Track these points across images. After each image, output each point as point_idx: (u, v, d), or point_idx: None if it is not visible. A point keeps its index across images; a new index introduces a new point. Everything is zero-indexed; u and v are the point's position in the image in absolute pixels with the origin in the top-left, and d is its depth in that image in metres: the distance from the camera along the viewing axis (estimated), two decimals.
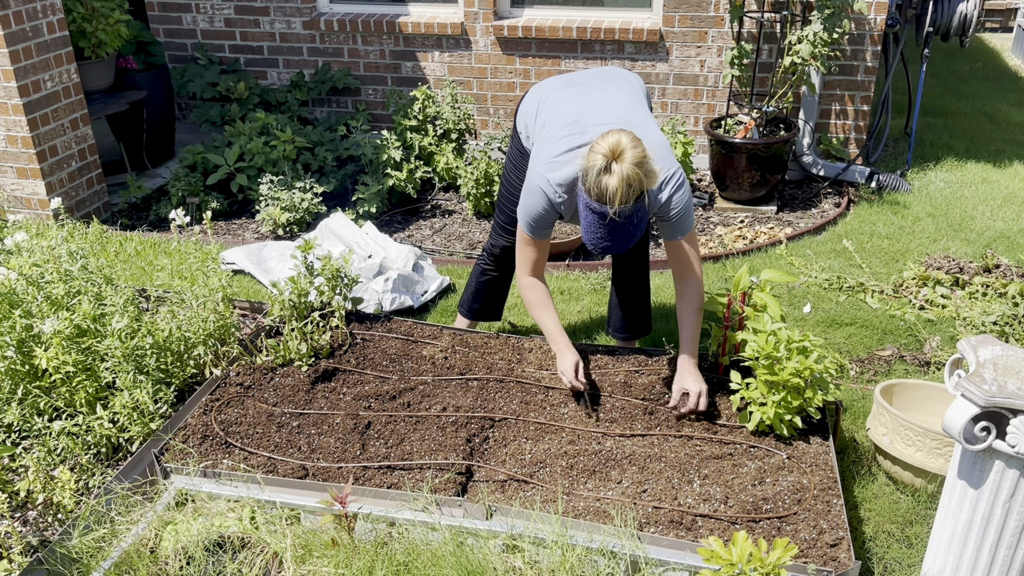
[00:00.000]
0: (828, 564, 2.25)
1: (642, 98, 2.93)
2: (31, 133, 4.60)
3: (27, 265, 3.08)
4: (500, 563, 2.26)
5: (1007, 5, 9.96)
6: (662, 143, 2.66)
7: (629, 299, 3.33)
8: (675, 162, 2.66)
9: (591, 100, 2.81)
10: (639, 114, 2.78)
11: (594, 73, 3.04)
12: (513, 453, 2.68)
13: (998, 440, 2.03)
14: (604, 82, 2.93)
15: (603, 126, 2.60)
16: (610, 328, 3.48)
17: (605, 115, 2.71)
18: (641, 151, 2.39)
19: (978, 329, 3.68)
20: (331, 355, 3.16)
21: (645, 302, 3.36)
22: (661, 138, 2.69)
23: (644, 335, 3.44)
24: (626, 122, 2.64)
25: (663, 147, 2.64)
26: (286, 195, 4.78)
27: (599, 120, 2.68)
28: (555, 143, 2.70)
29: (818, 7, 4.63)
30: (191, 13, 5.97)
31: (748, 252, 4.51)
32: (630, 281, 3.29)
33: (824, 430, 2.77)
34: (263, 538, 2.35)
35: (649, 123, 2.75)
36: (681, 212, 2.66)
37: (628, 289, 3.31)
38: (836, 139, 5.38)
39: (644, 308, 3.36)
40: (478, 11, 5.48)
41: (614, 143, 2.38)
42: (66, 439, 2.80)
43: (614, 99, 2.83)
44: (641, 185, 2.39)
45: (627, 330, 3.40)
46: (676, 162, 2.67)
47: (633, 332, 3.40)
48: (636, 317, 3.37)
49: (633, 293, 3.32)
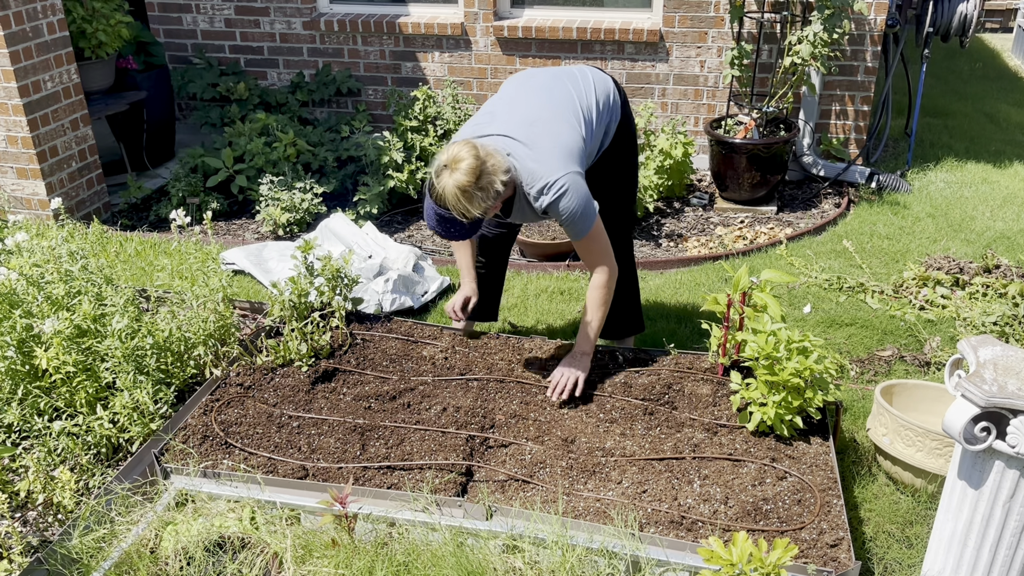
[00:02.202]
0: (828, 564, 2.25)
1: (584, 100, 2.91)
2: (31, 133, 4.60)
3: (27, 265, 3.08)
4: (500, 563, 2.26)
5: (1007, 5, 9.96)
6: (556, 149, 2.71)
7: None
8: (564, 170, 2.68)
9: (518, 99, 2.92)
10: (553, 117, 2.81)
11: (552, 72, 3.06)
12: (513, 453, 2.68)
13: (998, 440, 2.03)
14: (553, 81, 2.96)
15: (507, 124, 2.78)
16: None
17: (514, 114, 2.83)
18: (476, 165, 2.53)
19: (978, 329, 3.68)
20: (331, 355, 3.16)
21: (627, 302, 3.33)
22: (559, 144, 2.73)
23: (627, 335, 3.40)
24: (529, 123, 2.76)
25: (554, 154, 2.70)
26: (286, 195, 4.78)
27: (506, 118, 2.81)
28: (465, 128, 2.87)
29: (818, 7, 4.63)
30: (191, 14, 5.97)
31: (748, 252, 4.51)
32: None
33: (824, 430, 2.77)
34: (263, 538, 2.35)
35: (557, 128, 2.78)
36: (568, 219, 2.73)
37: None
38: (836, 139, 5.38)
39: (626, 309, 3.33)
40: (478, 11, 5.49)
41: (456, 153, 2.56)
42: (66, 439, 2.81)
43: (540, 101, 2.89)
44: (468, 196, 2.54)
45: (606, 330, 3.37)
46: (566, 170, 2.69)
47: (611, 333, 3.38)
48: (615, 318, 3.33)
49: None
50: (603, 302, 2.90)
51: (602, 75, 3.05)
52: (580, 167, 2.74)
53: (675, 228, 4.89)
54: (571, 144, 2.76)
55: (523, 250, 4.59)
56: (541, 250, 4.50)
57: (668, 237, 4.78)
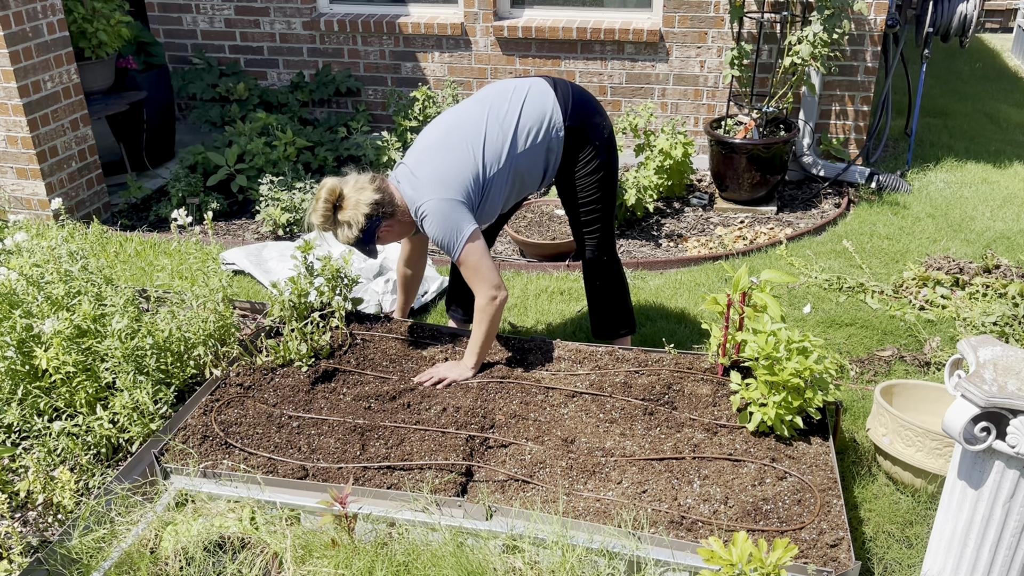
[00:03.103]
0: (828, 564, 2.25)
1: (500, 126, 2.98)
2: (31, 133, 4.60)
3: (27, 265, 3.08)
4: (500, 563, 2.26)
5: (1007, 5, 9.96)
6: (432, 175, 2.91)
7: (593, 301, 3.36)
8: (431, 196, 2.87)
9: (440, 120, 3.11)
10: (442, 144, 2.98)
11: (486, 92, 3.14)
12: (513, 454, 2.68)
13: (998, 440, 2.03)
14: (475, 104, 3.07)
15: (413, 150, 3.05)
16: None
17: (423, 138, 3.07)
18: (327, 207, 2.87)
19: (978, 329, 3.68)
20: (331, 355, 3.16)
21: (613, 304, 3.34)
22: (437, 170, 2.92)
23: (620, 336, 3.40)
24: (423, 148, 3.01)
25: (430, 180, 2.90)
26: (286, 195, 4.78)
27: (417, 143, 3.08)
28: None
29: (818, 8, 4.63)
30: (191, 14, 5.97)
31: (748, 252, 4.51)
32: (591, 283, 3.33)
33: (824, 430, 2.77)
34: (263, 538, 2.35)
35: (442, 155, 2.95)
36: (437, 238, 2.91)
37: (591, 291, 3.35)
38: (836, 139, 5.38)
39: (616, 310, 3.35)
40: (478, 11, 5.49)
41: (318, 192, 2.92)
42: (66, 439, 2.81)
43: (447, 123, 3.05)
44: (330, 229, 2.93)
45: (593, 331, 3.41)
46: (433, 196, 2.87)
47: (598, 334, 3.40)
48: (602, 319, 3.36)
49: (595, 295, 3.34)
50: (483, 323, 2.96)
51: (542, 97, 3.04)
52: (456, 193, 2.88)
53: (675, 228, 4.89)
54: (450, 171, 2.91)
55: (523, 250, 4.59)
56: (541, 250, 4.50)
57: (668, 237, 4.78)
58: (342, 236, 2.91)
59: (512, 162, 2.98)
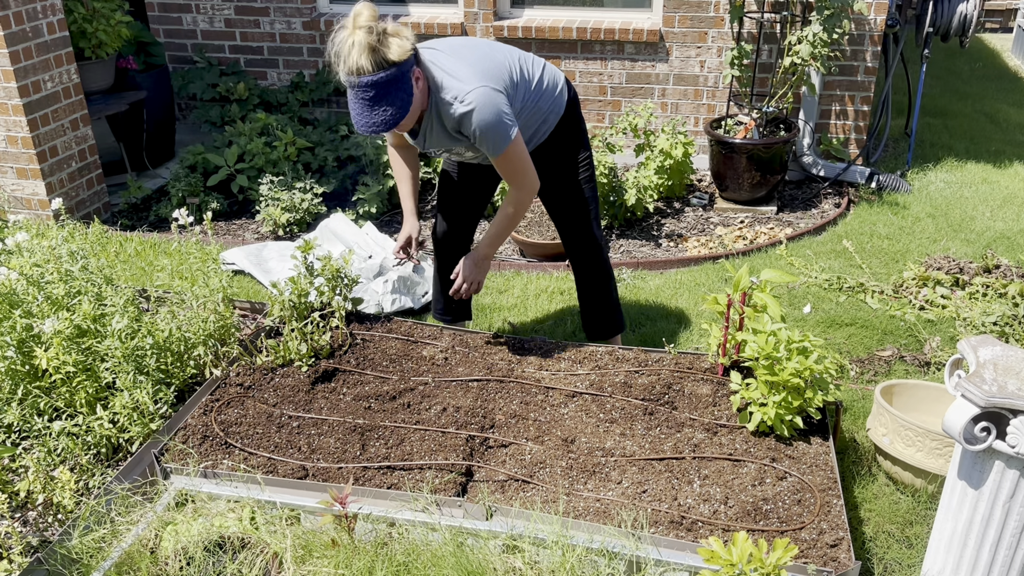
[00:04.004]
0: (828, 564, 2.25)
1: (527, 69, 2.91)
2: (31, 133, 4.60)
3: (28, 265, 3.08)
4: (500, 563, 2.26)
5: (1007, 5, 9.96)
6: (478, 64, 2.70)
7: (584, 299, 3.35)
8: (476, 85, 2.65)
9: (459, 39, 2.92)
10: (487, 51, 2.82)
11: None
12: (513, 453, 2.68)
13: (998, 440, 2.03)
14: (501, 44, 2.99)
15: (437, 42, 2.81)
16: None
17: (447, 42, 2.84)
18: (371, 16, 2.49)
19: (978, 329, 3.68)
20: (331, 355, 3.16)
21: (605, 304, 3.34)
22: (483, 63, 2.72)
23: (610, 336, 3.40)
24: (460, 45, 2.78)
25: (476, 68, 2.68)
26: (286, 195, 4.78)
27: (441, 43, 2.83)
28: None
29: (818, 8, 4.63)
30: (191, 14, 5.97)
31: (748, 252, 4.51)
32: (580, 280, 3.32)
33: (824, 430, 2.77)
34: (263, 538, 2.35)
35: (486, 51, 2.80)
36: (479, 134, 2.68)
37: (581, 289, 3.34)
38: (836, 139, 5.38)
39: (604, 310, 3.34)
40: (478, 11, 5.49)
41: (356, 9, 2.51)
42: (66, 439, 2.80)
43: (478, 42, 2.90)
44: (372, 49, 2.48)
45: (585, 329, 3.41)
46: (480, 85, 2.65)
47: (590, 333, 3.39)
48: (593, 317, 3.36)
49: (585, 293, 3.33)
50: (509, 218, 2.91)
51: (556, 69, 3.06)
52: (503, 87, 2.71)
53: (675, 228, 4.89)
54: (493, 68, 2.74)
55: (523, 250, 4.59)
56: (541, 250, 4.50)
57: (668, 237, 4.78)
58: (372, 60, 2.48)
59: (537, 96, 2.89)
